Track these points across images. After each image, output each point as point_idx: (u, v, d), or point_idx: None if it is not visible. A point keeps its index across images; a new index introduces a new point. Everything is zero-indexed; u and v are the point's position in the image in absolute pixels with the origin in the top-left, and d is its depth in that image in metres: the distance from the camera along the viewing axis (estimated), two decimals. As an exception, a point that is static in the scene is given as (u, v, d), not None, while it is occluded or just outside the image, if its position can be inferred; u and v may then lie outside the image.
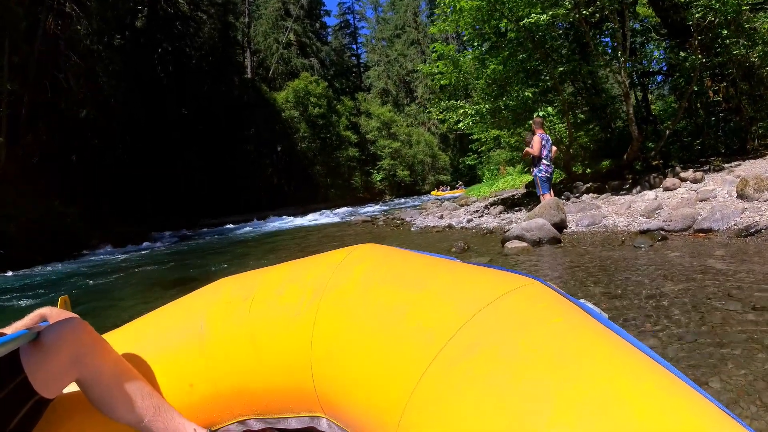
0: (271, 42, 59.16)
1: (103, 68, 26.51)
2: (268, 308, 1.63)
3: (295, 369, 1.53)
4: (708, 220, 6.26)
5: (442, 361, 1.11)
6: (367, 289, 1.46)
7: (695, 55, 10.67)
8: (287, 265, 1.85)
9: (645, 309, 3.42)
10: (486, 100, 12.81)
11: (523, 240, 6.83)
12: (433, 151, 70.34)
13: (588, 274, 4.78)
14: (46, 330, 1.40)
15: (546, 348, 0.98)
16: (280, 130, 46.84)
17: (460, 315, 1.18)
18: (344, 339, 1.41)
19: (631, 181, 11.40)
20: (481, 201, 18.32)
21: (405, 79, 79.36)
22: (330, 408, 1.49)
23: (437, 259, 1.55)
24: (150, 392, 1.50)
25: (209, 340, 1.64)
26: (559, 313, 1.10)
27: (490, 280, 1.29)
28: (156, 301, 5.93)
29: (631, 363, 0.92)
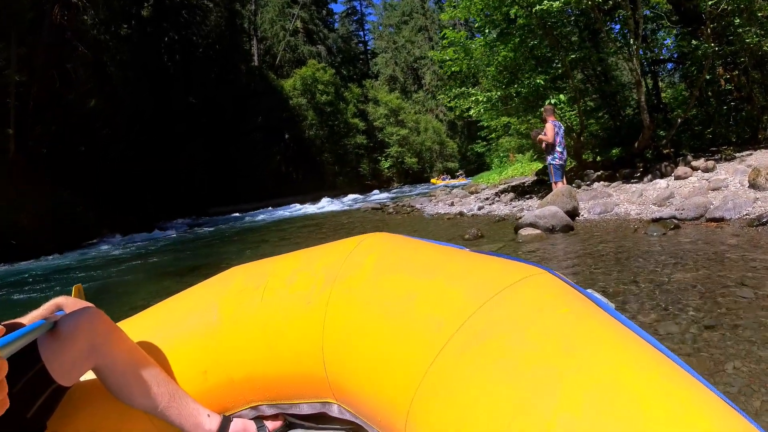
0: (277, 29, 58.89)
1: (110, 58, 26.50)
2: (280, 296, 1.65)
3: (307, 356, 1.54)
4: (720, 209, 6.26)
5: (452, 348, 1.13)
6: (378, 278, 1.47)
7: (708, 43, 10.53)
8: (298, 253, 1.86)
9: (659, 296, 3.45)
10: (497, 87, 12.73)
11: (536, 227, 6.84)
12: (441, 138, 70.08)
13: (602, 261, 4.81)
14: (62, 319, 1.42)
15: (553, 337, 0.99)
16: (287, 117, 46.78)
17: (469, 304, 1.19)
18: (355, 326, 1.43)
19: (642, 169, 11.32)
20: (490, 188, 18.26)
21: (413, 66, 78.95)
22: (341, 394, 1.51)
23: (447, 248, 1.56)
24: (165, 379, 1.52)
25: (222, 328, 1.66)
26: (566, 302, 1.11)
27: (499, 269, 1.30)
28: (168, 289, 5.96)
29: (636, 353, 0.93)
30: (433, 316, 1.24)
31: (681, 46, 11.25)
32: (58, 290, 7.79)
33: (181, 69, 36.35)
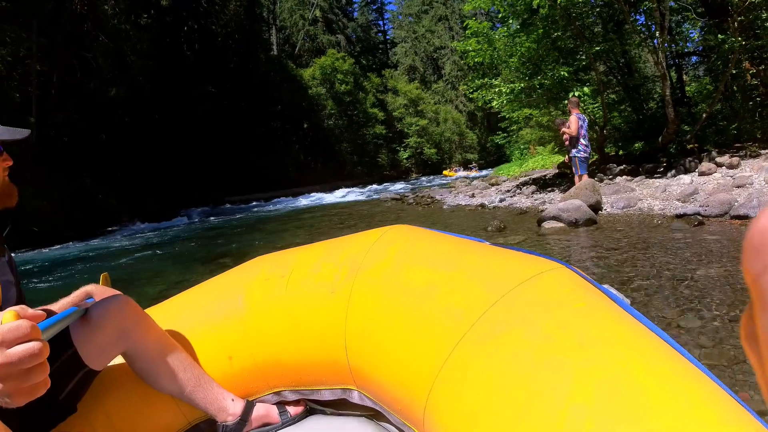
0: (297, 18, 58.85)
1: (130, 47, 26.66)
2: (304, 285, 1.69)
3: (330, 344, 1.58)
4: (745, 206, 6.18)
5: (470, 339, 1.15)
6: (400, 269, 1.50)
7: (734, 36, 10.27)
8: (322, 244, 1.90)
9: (683, 290, 3.50)
10: (521, 78, 12.56)
11: (559, 220, 6.80)
12: (461, 129, 69.71)
13: (626, 256, 4.84)
14: (94, 306, 1.49)
15: (568, 330, 1.01)
16: (306, 107, 46.84)
17: (488, 296, 1.21)
18: (377, 316, 1.46)
19: (666, 164, 11.13)
20: (511, 180, 18.13)
21: (432, 56, 78.49)
22: (362, 381, 1.55)
23: (467, 241, 1.58)
24: (191, 364, 1.59)
25: (248, 316, 1.71)
26: (582, 297, 1.13)
27: (518, 263, 1.32)
28: (193, 277, 6.06)
29: (648, 347, 0.94)
30: (452, 308, 1.26)
31: (707, 40, 10.98)
32: (83, 277, 7.92)
33: (201, 58, 36.44)
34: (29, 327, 0.83)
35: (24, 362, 0.81)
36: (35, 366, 0.83)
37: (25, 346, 0.82)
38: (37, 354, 0.83)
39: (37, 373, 0.84)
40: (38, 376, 0.84)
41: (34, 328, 0.84)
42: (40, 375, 0.85)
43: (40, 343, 0.84)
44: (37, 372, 0.84)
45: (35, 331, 0.84)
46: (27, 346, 0.82)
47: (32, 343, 0.83)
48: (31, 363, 0.82)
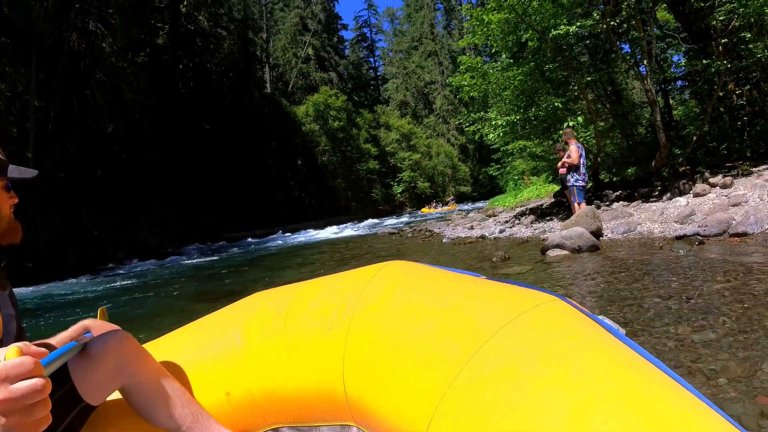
0: (290, 57, 59.77)
1: (128, 85, 26.97)
2: (302, 322, 1.69)
3: (328, 380, 1.58)
4: (743, 224, 6.36)
5: (468, 373, 1.17)
6: (397, 305, 1.52)
7: (719, 60, 10.54)
8: (320, 280, 1.92)
9: (692, 307, 3.54)
10: (516, 111, 12.79)
11: (563, 248, 6.85)
12: (453, 162, 70.30)
13: (632, 278, 4.87)
14: (92, 341, 1.49)
15: (563, 363, 1.03)
16: (300, 143, 47.21)
17: (485, 329, 1.24)
18: (375, 352, 1.47)
19: (660, 188, 11.28)
20: (507, 211, 18.17)
21: (423, 91, 79.55)
22: (360, 417, 1.55)
23: (463, 276, 1.60)
24: (189, 400, 1.57)
25: (245, 352, 1.72)
26: (577, 330, 1.15)
27: (514, 297, 1.35)
28: (191, 314, 5.95)
29: (643, 377, 0.96)
30: (450, 342, 1.28)
31: (694, 65, 11.26)
32: (79, 314, 7.84)
33: (196, 96, 36.86)
34: (32, 363, 0.85)
35: (27, 398, 0.83)
36: (38, 402, 0.85)
37: (29, 382, 0.83)
38: (40, 390, 0.84)
39: (40, 409, 0.86)
40: (40, 412, 0.86)
41: (37, 364, 0.86)
42: (43, 411, 0.87)
43: (43, 380, 0.86)
44: (40, 408, 0.86)
45: (38, 367, 0.86)
46: (30, 382, 0.84)
47: (35, 379, 0.84)
48: (34, 399, 0.84)
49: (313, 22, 64.18)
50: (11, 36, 19.26)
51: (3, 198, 1.44)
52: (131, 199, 25.10)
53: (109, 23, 25.37)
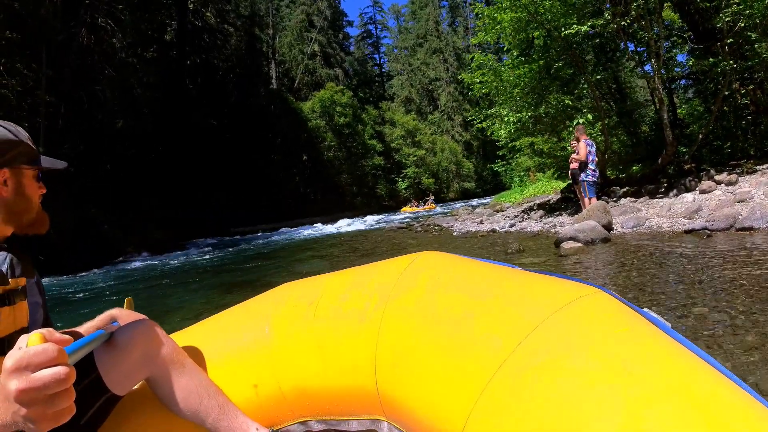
0: (296, 53, 59.89)
1: (137, 80, 27.14)
2: (333, 313, 1.66)
3: (359, 373, 1.55)
4: (749, 219, 6.61)
5: (509, 368, 1.12)
6: (433, 296, 1.47)
7: (725, 60, 10.75)
8: (350, 271, 1.88)
9: (707, 291, 3.74)
10: (527, 108, 13.01)
11: (576, 241, 7.07)
12: (458, 159, 70.49)
13: (646, 267, 5.03)
14: (119, 330, 1.48)
15: (612, 357, 0.98)
16: (305, 139, 47.32)
17: (526, 323, 1.19)
18: (410, 345, 1.42)
19: (667, 185, 11.50)
20: (515, 207, 18.33)
21: (428, 88, 79.64)
22: (392, 412, 1.51)
23: (501, 267, 1.56)
24: (215, 391, 1.56)
25: (274, 343, 1.69)
26: (624, 322, 1.11)
27: (556, 288, 1.30)
28: (215, 304, 6.05)
29: (696, 373, 0.92)
30: (489, 335, 1.23)
31: (701, 64, 11.48)
32: (97, 304, 7.81)
33: (203, 91, 37.04)
34: (56, 351, 0.82)
35: (49, 387, 0.80)
36: (61, 392, 0.82)
37: (51, 370, 0.81)
38: (63, 379, 0.81)
39: (63, 399, 0.83)
40: (63, 402, 0.83)
41: (60, 352, 0.83)
42: (66, 401, 0.84)
43: (67, 368, 0.83)
44: (63, 398, 0.83)
45: (62, 355, 0.83)
46: (53, 370, 0.81)
47: (58, 367, 0.82)
48: (57, 388, 0.81)
49: (319, 19, 64.33)
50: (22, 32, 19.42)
51: (33, 187, 1.49)
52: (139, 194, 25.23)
53: (119, 19, 25.45)
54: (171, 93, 31.55)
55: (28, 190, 1.45)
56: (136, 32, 27.15)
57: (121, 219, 22.55)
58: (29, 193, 1.46)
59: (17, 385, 0.80)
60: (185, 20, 36.34)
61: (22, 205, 1.44)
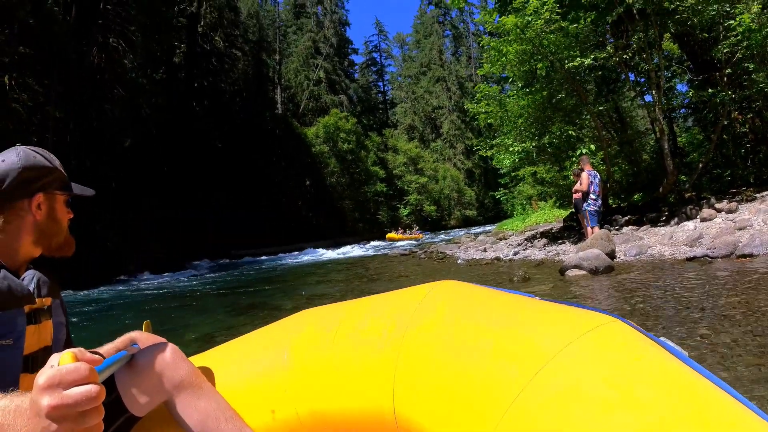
0: (301, 79, 60.72)
1: (146, 101, 27.46)
2: (351, 341, 1.66)
3: (377, 400, 1.54)
4: (749, 246, 6.88)
5: (526, 397, 1.13)
6: (451, 325, 1.47)
7: (724, 90, 10.99)
8: (368, 299, 1.89)
9: (709, 316, 3.95)
10: (531, 138, 13.25)
11: (581, 268, 7.24)
12: (459, 186, 70.95)
13: (651, 293, 5.32)
14: (140, 353, 1.51)
15: (630, 387, 0.99)
16: (309, 164, 47.65)
17: (543, 352, 1.19)
18: (428, 373, 1.43)
19: (668, 213, 11.66)
20: (517, 235, 18.47)
21: (431, 116, 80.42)
22: None
23: (518, 296, 1.57)
24: (233, 416, 1.56)
25: (293, 369, 1.69)
26: (641, 351, 1.11)
27: (572, 317, 1.30)
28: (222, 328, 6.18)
29: (716, 403, 0.92)
30: (507, 365, 1.24)
31: (700, 95, 11.74)
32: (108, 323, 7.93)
33: (209, 114, 37.44)
34: (88, 370, 0.85)
35: (81, 405, 0.83)
36: (91, 409, 0.85)
37: (83, 388, 0.83)
38: (94, 397, 0.84)
39: (92, 417, 0.85)
40: (93, 420, 0.85)
41: (92, 371, 0.86)
42: (95, 419, 0.86)
43: (98, 387, 0.86)
44: (93, 415, 0.85)
45: (93, 374, 0.86)
46: (85, 388, 0.83)
47: (90, 385, 0.84)
48: (88, 406, 0.84)
49: (325, 46, 65.35)
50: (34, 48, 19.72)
51: (63, 212, 1.57)
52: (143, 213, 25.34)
53: (130, 40, 25.87)
54: (178, 114, 31.86)
55: (59, 215, 1.54)
56: (147, 53, 27.55)
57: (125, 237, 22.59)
58: (60, 217, 1.54)
59: (49, 401, 0.82)
60: (194, 43, 36.88)
61: (54, 229, 1.52)
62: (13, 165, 1.40)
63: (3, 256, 1.39)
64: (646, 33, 11.28)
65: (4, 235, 1.41)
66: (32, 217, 1.45)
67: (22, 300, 1.35)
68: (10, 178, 1.39)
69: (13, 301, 1.31)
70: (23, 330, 1.33)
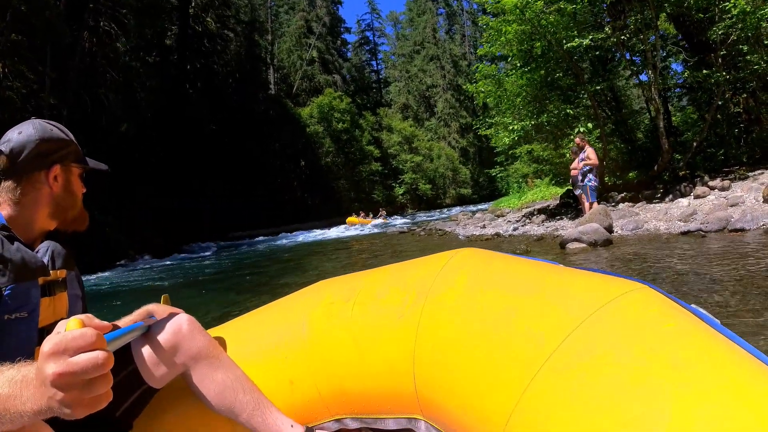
0: (294, 59, 60.31)
1: (140, 85, 27.34)
2: (370, 310, 1.64)
3: (397, 371, 1.53)
4: (740, 221, 7.22)
5: (553, 365, 1.10)
6: (473, 293, 1.44)
7: (719, 71, 11.20)
8: (387, 268, 1.87)
9: (706, 283, 4.26)
10: (530, 117, 13.45)
11: (581, 242, 7.50)
12: (454, 165, 71.06)
13: (648, 263, 5.57)
14: (156, 324, 1.51)
15: (660, 353, 0.95)
16: (304, 145, 47.62)
17: (570, 319, 1.16)
18: (449, 342, 1.40)
19: (663, 190, 11.96)
20: (515, 212, 18.64)
21: (425, 95, 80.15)
22: (429, 410, 1.49)
23: (542, 263, 1.54)
24: (251, 387, 1.57)
25: (311, 340, 1.68)
26: (671, 317, 1.07)
27: (599, 284, 1.27)
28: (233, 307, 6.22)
29: (748, 369, 0.89)
30: (532, 332, 1.21)
31: (695, 76, 11.95)
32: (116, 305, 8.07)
33: (203, 96, 37.28)
34: (95, 336, 0.82)
35: (87, 372, 0.79)
36: (98, 377, 0.81)
37: (90, 355, 0.80)
38: (101, 364, 0.80)
39: (100, 385, 0.82)
40: (101, 388, 0.82)
41: (99, 337, 0.83)
42: (103, 387, 0.83)
43: (105, 353, 0.82)
44: (100, 383, 0.82)
45: (100, 340, 0.83)
46: (91, 355, 0.80)
47: (97, 352, 0.81)
48: (95, 373, 0.80)
49: (317, 26, 64.76)
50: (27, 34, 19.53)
51: (79, 185, 1.56)
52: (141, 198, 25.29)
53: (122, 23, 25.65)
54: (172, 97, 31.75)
55: (74, 188, 1.54)
56: (140, 37, 27.36)
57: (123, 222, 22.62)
58: (75, 190, 1.54)
59: (54, 368, 0.78)
60: (186, 25, 36.58)
61: (69, 202, 1.52)
62: (30, 137, 1.40)
63: (18, 229, 1.39)
64: (643, 13, 11.44)
65: (20, 208, 1.40)
66: (49, 190, 1.44)
67: (36, 272, 1.34)
68: (27, 150, 1.39)
69: (27, 273, 1.30)
70: (38, 302, 1.32)
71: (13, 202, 1.39)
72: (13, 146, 1.37)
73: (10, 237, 1.32)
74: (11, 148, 1.37)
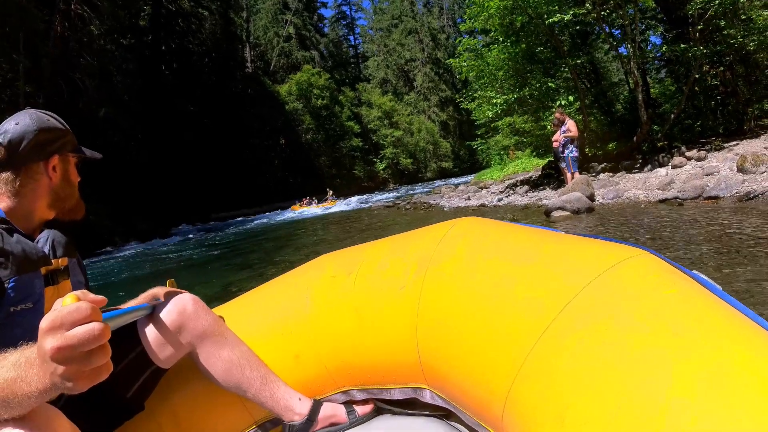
0: (271, 36, 59.52)
1: (116, 68, 26.97)
2: (372, 282, 1.65)
3: (401, 341, 1.54)
4: (715, 189, 7.59)
5: (554, 332, 1.09)
6: (474, 262, 1.44)
7: (696, 45, 11.45)
8: (387, 240, 1.87)
9: (685, 245, 4.63)
10: (512, 90, 13.63)
11: (564, 210, 7.91)
12: (435, 139, 71.15)
13: (629, 230, 5.93)
14: (161, 305, 1.52)
15: (662, 319, 0.94)
16: (283, 122, 47.37)
17: (571, 286, 1.15)
18: (451, 311, 1.41)
19: (642, 160, 12.29)
20: (498, 184, 18.88)
21: (404, 69, 79.74)
22: (434, 379, 1.50)
23: (542, 231, 1.52)
24: (257, 363, 1.60)
25: (315, 314, 1.70)
26: (673, 283, 1.05)
27: (600, 250, 1.25)
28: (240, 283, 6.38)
29: (749, 335, 0.87)
30: (533, 299, 1.20)
31: (673, 50, 12.20)
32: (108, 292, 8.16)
33: (179, 77, 36.88)
34: (89, 308, 0.83)
35: (84, 344, 0.80)
36: (96, 349, 0.82)
37: (85, 327, 0.81)
38: (97, 336, 0.81)
39: (99, 356, 0.83)
40: (99, 360, 0.83)
41: (94, 309, 0.84)
42: (102, 358, 0.84)
43: (101, 325, 0.83)
44: (99, 355, 0.83)
45: (95, 312, 0.84)
46: (87, 327, 0.81)
47: (92, 324, 0.82)
48: (92, 345, 0.81)
49: (293, 1, 63.90)
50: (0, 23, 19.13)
51: (75, 175, 1.55)
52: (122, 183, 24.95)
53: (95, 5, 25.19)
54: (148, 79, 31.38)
55: (72, 177, 1.53)
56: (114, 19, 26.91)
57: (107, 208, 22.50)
58: (73, 179, 1.53)
59: (53, 343, 0.80)
60: (159, 5, 36.00)
61: (68, 191, 1.51)
62: (28, 127, 1.38)
63: (18, 220, 1.38)
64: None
65: (19, 199, 1.39)
66: (48, 180, 1.44)
67: (38, 262, 1.33)
68: (26, 141, 1.37)
69: (29, 264, 1.30)
70: (42, 292, 1.32)
71: (12, 194, 1.38)
72: (11, 137, 1.35)
73: (10, 229, 1.31)
74: (9, 139, 1.35)
